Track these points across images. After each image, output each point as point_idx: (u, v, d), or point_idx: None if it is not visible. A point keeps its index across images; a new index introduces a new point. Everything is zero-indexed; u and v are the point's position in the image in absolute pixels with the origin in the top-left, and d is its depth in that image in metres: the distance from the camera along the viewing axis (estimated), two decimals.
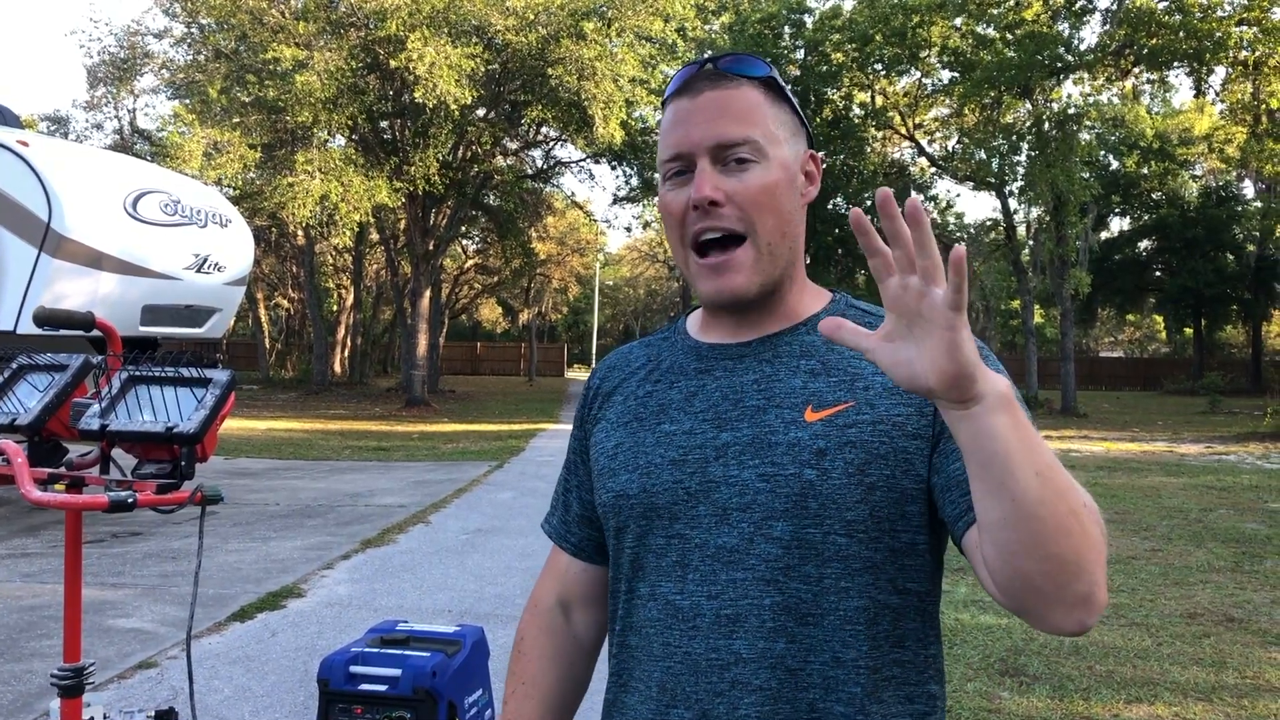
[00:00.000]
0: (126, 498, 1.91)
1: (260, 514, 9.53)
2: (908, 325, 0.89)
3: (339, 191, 20.57)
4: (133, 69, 30.06)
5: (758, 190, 1.15)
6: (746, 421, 1.15)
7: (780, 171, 1.17)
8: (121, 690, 4.66)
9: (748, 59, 1.21)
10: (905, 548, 1.11)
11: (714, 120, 1.16)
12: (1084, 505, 0.92)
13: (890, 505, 1.10)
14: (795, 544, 1.09)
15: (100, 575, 6.88)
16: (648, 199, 34.38)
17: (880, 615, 1.10)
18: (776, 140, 1.18)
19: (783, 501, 1.10)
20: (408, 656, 3.57)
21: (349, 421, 21.62)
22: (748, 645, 1.09)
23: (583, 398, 1.37)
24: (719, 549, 1.12)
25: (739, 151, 1.15)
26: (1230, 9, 20.64)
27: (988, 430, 0.88)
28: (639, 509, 1.18)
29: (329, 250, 38.76)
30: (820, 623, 1.09)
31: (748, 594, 1.10)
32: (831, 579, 1.09)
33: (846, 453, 1.10)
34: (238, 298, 10.26)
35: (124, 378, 2.09)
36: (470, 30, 20.71)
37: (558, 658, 1.37)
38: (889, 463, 1.10)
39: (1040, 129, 25.98)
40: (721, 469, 1.14)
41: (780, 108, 1.21)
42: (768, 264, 1.17)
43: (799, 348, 1.19)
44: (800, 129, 1.24)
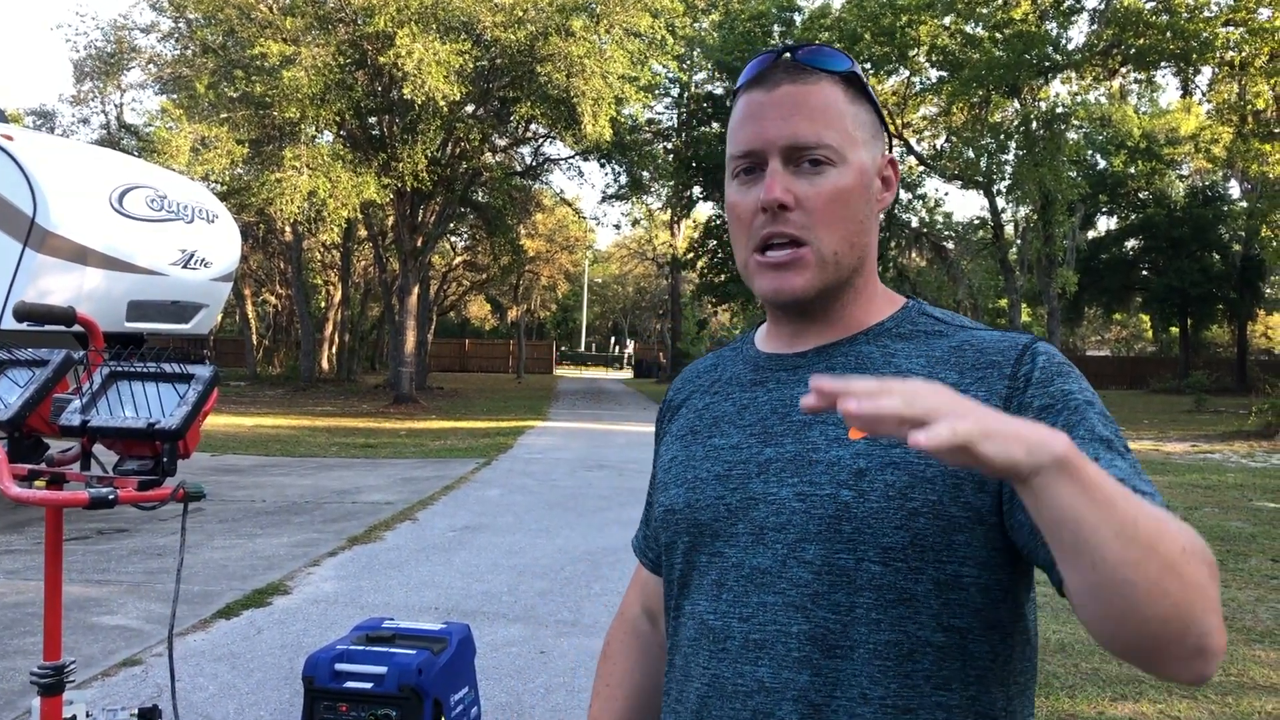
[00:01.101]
0: (107, 494, 1.89)
1: (247, 511, 9.50)
2: None
3: (327, 187, 20.50)
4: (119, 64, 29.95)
5: (830, 196, 1.09)
6: (791, 437, 1.10)
7: (856, 176, 1.11)
8: (105, 688, 4.63)
9: (829, 51, 1.14)
10: (950, 580, 1.02)
11: (789, 118, 1.10)
12: (1182, 551, 0.83)
13: (935, 533, 1.01)
14: (826, 569, 1.03)
15: (85, 572, 6.84)
16: (636, 196, 34.40)
17: (918, 652, 1.02)
18: (854, 142, 1.12)
19: (816, 523, 1.04)
20: (393, 654, 3.57)
21: (336, 418, 21.56)
22: (772, 674, 1.04)
23: (660, 411, 1.35)
24: (753, 570, 1.07)
25: (814, 153, 1.09)
26: (1217, 9, 20.72)
27: (1052, 499, 0.81)
28: (684, 524, 1.15)
29: (317, 246, 38.64)
30: (849, 655, 1.02)
31: (776, 619, 1.05)
32: (863, 609, 1.02)
33: (888, 474, 1.03)
34: (224, 294, 10.21)
35: (106, 373, 2.07)
36: (459, 26, 20.66)
37: (643, 660, 1.36)
38: (935, 487, 1.02)
39: (1028, 128, 26.05)
40: (762, 486, 1.09)
41: (860, 106, 1.14)
42: (831, 271, 1.11)
43: (854, 359, 1.13)
44: (880, 130, 1.17)
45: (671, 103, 36.98)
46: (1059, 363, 1.05)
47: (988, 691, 1.05)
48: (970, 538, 1.02)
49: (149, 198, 8.93)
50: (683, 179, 33.31)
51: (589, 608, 6.25)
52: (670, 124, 37.03)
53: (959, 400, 0.81)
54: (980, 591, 1.03)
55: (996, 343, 1.08)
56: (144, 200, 8.86)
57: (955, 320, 1.15)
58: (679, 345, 44.60)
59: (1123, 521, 0.81)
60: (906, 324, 1.15)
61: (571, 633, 5.70)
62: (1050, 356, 1.05)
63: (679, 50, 27.70)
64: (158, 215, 8.99)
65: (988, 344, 1.09)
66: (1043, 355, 1.05)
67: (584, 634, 5.69)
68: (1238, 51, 20.09)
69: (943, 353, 1.10)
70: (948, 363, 1.09)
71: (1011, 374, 1.04)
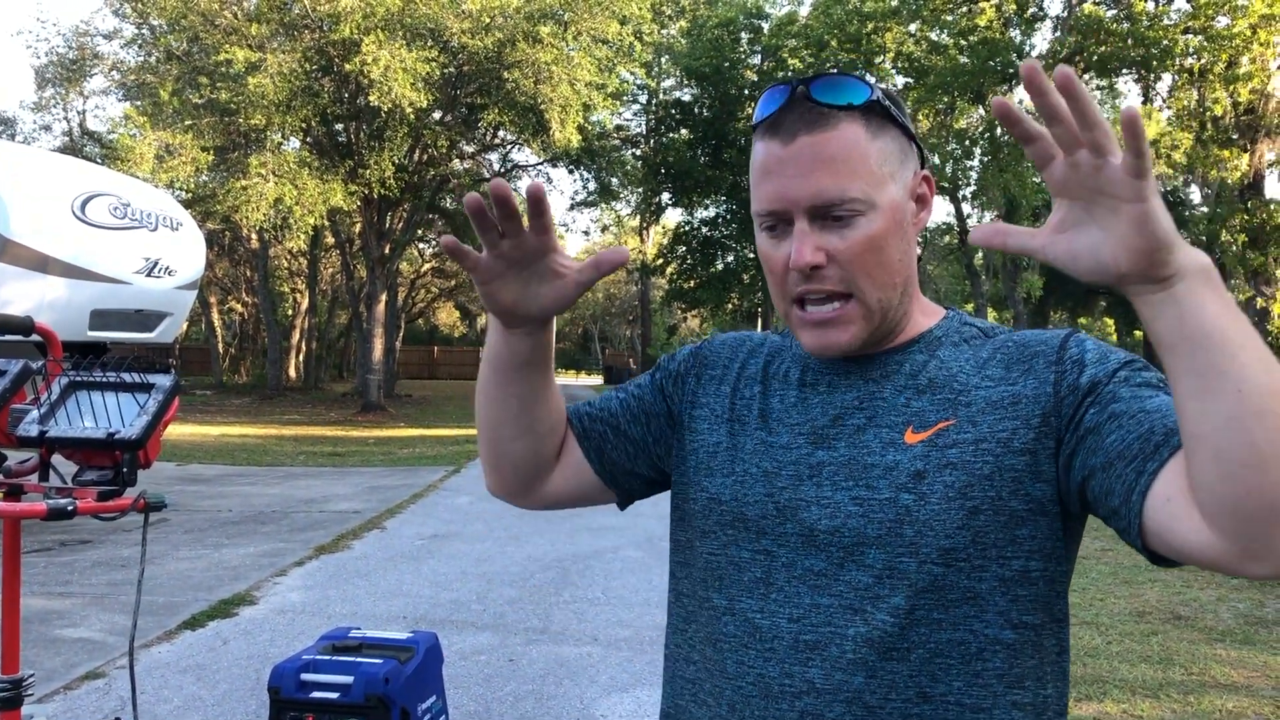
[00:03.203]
0: (66, 505, 1.88)
1: (212, 521, 9.41)
2: (1085, 208, 0.81)
3: (293, 195, 20.38)
4: (82, 70, 29.62)
5: (863, 246, 1.06)
6: (844, 441, 1.09)
7: (887, 218, 1.07)
8: (68, 701, 4.57)
9: (844, 83, 1.08)
10: (1017, 576, 1.02)
11: (809, 174, 1.05)
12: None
13: (997, 529, 1.01)
14: (887, 573, 1.02)
15: (47, 584, 6.75)
16: (605, 203, 34.41)
17: (987, 651, 1.02)
18: (882, 181, 1.07)
19: (876, 528, 1.03)
20: (360, 663, 3.55)
21: (304, 427, 21.41)
22: (823, 675, 1.03)
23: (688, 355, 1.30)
24: (806, 571, 1.06)
25: (841, 209, 1.05)
26: (1177, 17, 21.02)
27: (1196, 308, 0.78)
28: (729, 517, 1.13)
29: (283, 254, 38.38)
30: (906, 657, 1.01)
31: (831, 621, 1.04)
32: (924, 610, 1.01)
33: (946, 475, 1.02)
34: (189, 302, 10.12)
35: (64, 383, 2.05)
36: (425, 33, 20.61)
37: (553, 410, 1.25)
38: (994, 483, 1.01)
39: (993, 134, 26.29)
40: (814, 489, 1.08)
41: (885, 136, 1.09)
42: (878, 318, 1.09)
43: (908, 366, 1.12)
44: (909, 150, 1.12)
45: (640, 109, 37.06)
46: (1100, 343, 1.06)
47: (1055, 685, 1.06)
48: (1034, 530, 1.02)
49: (112, 205, 8.84)
50: (651, 185, 33.36)
51: (558, 615, 6.24)
52: (639, 130, 37.09)
53: None
54: (1048, 584, 1.03)
55: (1037, 336, 1.10)
56: (107, 208, 8.78)
57: (996, 328, 1.16)
58: (649, 351, 44.66)
59: (1262, 350, 0.79)
60: (953, 334, 1.15)
61: (541, 640, 5.69)
62: (1092, 341, 1.06)
63: (647, 57, 27.78)
64: (121, 223, 8.90)
65: (1029, 339, 1.10)
66: (1089, 340, 1.06)
67: (553, 641, 5.68)
68: (1197, 58, 20.38)
69: (988, 353, 1.10)
70: (993, 361, 1.09)
71: (1058, 359, 1.04)
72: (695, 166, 31.96)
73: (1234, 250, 20.21)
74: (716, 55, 30.87)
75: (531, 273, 1.08)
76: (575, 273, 1.07)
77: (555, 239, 1.06)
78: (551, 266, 1.07)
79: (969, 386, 1.07)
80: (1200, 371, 0.79)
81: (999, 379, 1.07)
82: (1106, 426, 0.96)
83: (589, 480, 1.29)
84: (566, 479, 1.29)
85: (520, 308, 1.10)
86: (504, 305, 1.10)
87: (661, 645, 5.58)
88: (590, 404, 1.32)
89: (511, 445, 1.24)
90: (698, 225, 35.02)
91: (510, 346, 1.16)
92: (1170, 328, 0.80)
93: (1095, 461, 0.96)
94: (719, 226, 34.24)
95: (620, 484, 1.30)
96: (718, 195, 33.37)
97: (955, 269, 30.99)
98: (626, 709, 4.64)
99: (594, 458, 1.28)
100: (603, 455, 1.28)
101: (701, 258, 34.48)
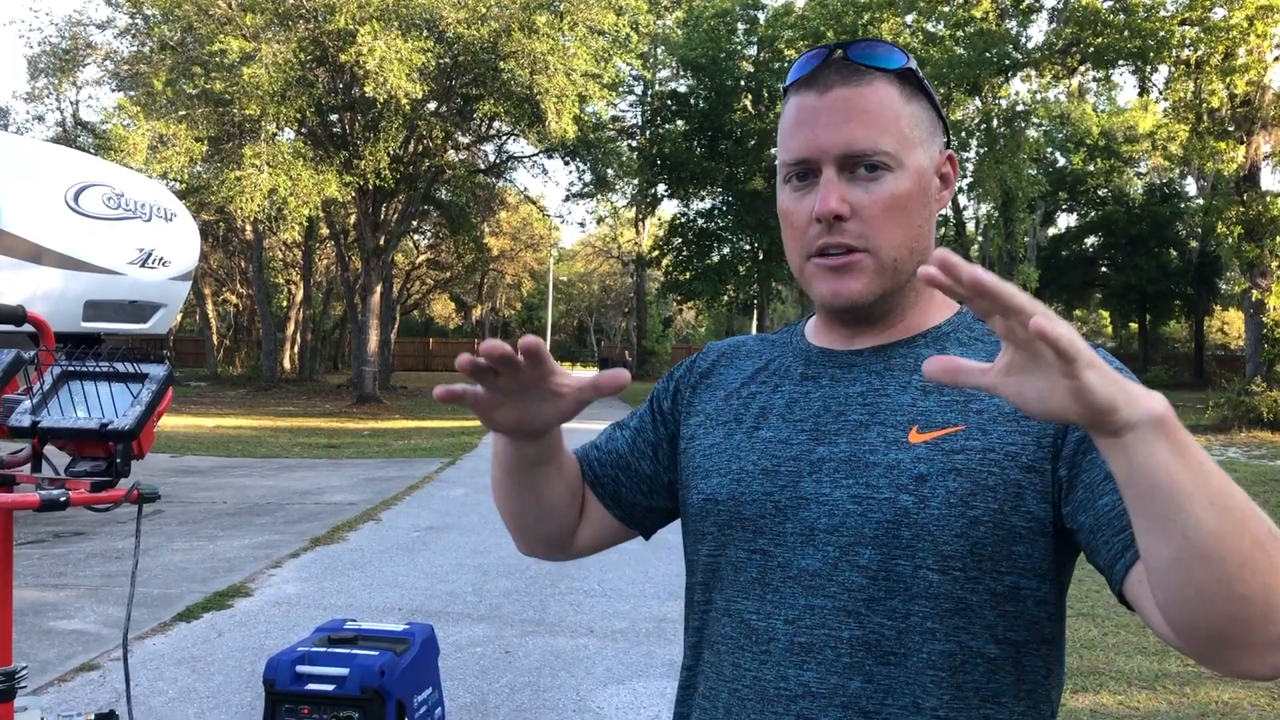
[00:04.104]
0: (59, 496, 1.86)
1: (207, 512, 9.39)
2: (1029, 359, 0.77)
3: (288, 185, 20.31)
4: (75, 60, 29.50)
5: (887, 203, 1.05)
6: (845, 437, 1.07)
7: (914, 180, 1.07)
8: (62, 693, 4.56)
9: (882, 47, 1.09)
10: (1008, 592, 1.00)
11: (843, 124, 1.05)
12: (1270, 533, 0.80)
13: (995, 543, 0.99)
14: (882, 575, 1.01)
15: (41, 576, 6.74)
16: (601, 194, 34.38)
17: (969, 664, 1.00)
18: (911, 144, 1.08)
19: (873, 527, 1.01)
20: (355, 655, 3.54)
21: (299, 418, 21.38)
22: (819, 679, 1.02)
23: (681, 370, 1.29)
24: (801, 571, 1.04)
25: (870, 159, 1.05)
26: (1173, 8, 20.99)
27: (1144, 459, 0.77)
28: (725, 516, 1.11)
29: (278, 245, 38.28)
30: (903, 663, 1.00)
31: (825, 623, 1.02)
32: (918, 617, 1.00)
33: (950, 480, 1.00)
34: (183, 293, 10.07)
35: (57, 373, 2.03)
36: (421, 24, 20.55)
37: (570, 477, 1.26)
38: (997, 495, 0.99)
39: (989, 126, 26.29)
40: (814, 485, 1.06)
41: (917, 104, 1.10)
42: (890, 277, 1.08)
43: (914, 361, 1.10)
44: (937, 126, 1.13)
45: (636, 100, 37.01)
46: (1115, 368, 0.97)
47: (1036, 707, 1.03)
48: (1030, 549, 1.00)
49: (106, 196, 8.79)
50: (647, 177, 33.31)
51: (554, 607, 6.23)
52: (634, 122, 37.04)
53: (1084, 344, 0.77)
54: (1036, 604, 1.02)
55: None
56: (100, 198, 8.73)
57: None
58: (644, 343, 44.68)
59: (1217, 490, 0.77)
60: (964, 329, 1.12)
61: (537, 632, 5.68)
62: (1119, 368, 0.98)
63: (643, 48, 27.70)
64: (115, 214, 8.85)
65: None
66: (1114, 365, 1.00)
67: (549, 633, 5.67)
68: (1193, 50, 20.36)
69: None
70: None
71: None
72: (691, 158, 31.92)
73: (1230, 242, 20.21)
74: (713, 46, 30.82)
75: (531, 395, 1.03)
76: (576, 390, 1.02)
77: (553, 366, 1.01)
78: (550, 388, 1.02)
79: (979, 393, 1.02)
80: (1149, 515, 0.79)
81: None
82: (1102, 485, 0.94)
83: (611, 526, 1.28)
84: (593, 531, 1.28)
85: (522, 426, 1.07)
86: (504, 428, 1.07)
87: (658, 636, 5.59)
88: (598, 445, 1.31)
89: (536, 527, 1.25)
90: (693, 217, 34.99)
91: (520, 451, 1.14)
92: (1121, 471, 0.79)
93: (1084, 520, 0.96)
94: (715, 218, 34.21)
95: (641, 521, 1.28)
96: (714, 187, 33.34)
97: None
98: (622, 700, 4.63)
99: (610, 504, 1.27)
100: (619, 500, 1.27)
101: (697, 249, 34.45)
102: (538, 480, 1.19)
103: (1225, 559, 0.77)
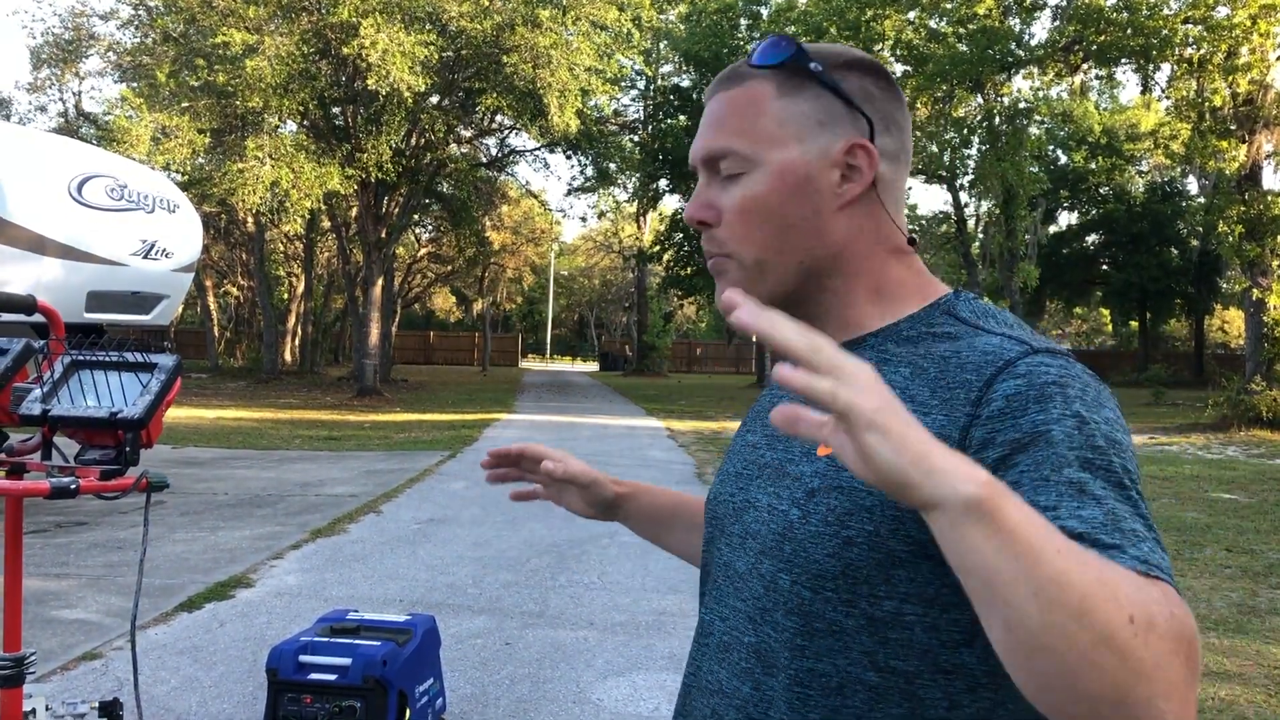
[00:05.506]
0: (69, 484, 1.88)
1: (208, 503, 9.42)
2: None
3: (290, 178, 20.32)
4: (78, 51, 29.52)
5: (740, 205, 1.03)
6: (782, 444, 1.07)
7: (773, 180, 1.02)
8: (65, 681, 4.58)
9: (768, 46, 1.05)
10: (888, 618, 0.93)
11: (706, 130, 1.06)
12: (1129, 622, 0.69)
13: (871, 566, 0.93)
14: (771, 586, 1.00)
15: (44, 565, 6.76)
16: (603, 189, 34.37)
17: (847, 689, 0.95)
18: (774, 141, 1.02)
19: (772, 538, 1.00)
20: (358, 645, 3.56)
21: (300, 411, 21.40)
22: (728, 678, 1.04)
23: None
24: (733, 573, 1.06)
25: (722, 164, 1.04)
26: (1176, 7, 20.97)
27: (956, 543, 0.71)
28: (709, 516, 1.16)
29: (280, 237, 38.31)
30: (776, 676, 0.98)
31: (738, 626, 1.04)
32: (789, 633, 0.97)
33: (832, 498, 0.96)
34: (186, 285, 10.10)
35: (67, 362, 2.05)
36: (424, 17, 20.54)
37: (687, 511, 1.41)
38: (874, 517, 0.93)
39: (991, 123, 26.27)
40: (757, 490, 1.07)
41: (798, 98, 1.03)
42: (764, 282, 1.04)
43: None
44: (840, 117, 1.04)
45: (638, 95, 36.98)
46: (1043, 384, 0.89)
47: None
48: (913, 573, 0.92)
49: (109, 187, 8.81)
50: (649, 171, 33.31)
51: (555, 599, 6.26)
52: (637, 117, 37.02)
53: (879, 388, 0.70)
54: (928, 632, 0.93)
55: (982, 355, 0.95)
56: (104, 189, 8.75)
57: (982, 322, 1.01)
58: (645, 338, 44.67)
59: (1046, 580, 0.68)
60: (921, 325, 1.03)
61: (537, 624, 5.71)
62: (1033, 378, 0.90)
63: (645, 44, 27.69)
64: (118, 205, 8.87)
65: (973, 356, 0.95)
66: (1021, 378, 0.90)
67: (549, 625, 5.69)
68: (1196, 48, 20.34)
69: (931, 362, 0.98)
70: (927, 375, 0.97)
71: (977, 399, 0.91)
72: None
73: (1230, 241, 20.20)
74: (715, 41, 30.78)
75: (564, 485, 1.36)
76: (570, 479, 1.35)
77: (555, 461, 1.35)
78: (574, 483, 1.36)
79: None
80: (974, 597, 0.73)
81: (920, 402, 0.95)
82: None
83: None
84: None
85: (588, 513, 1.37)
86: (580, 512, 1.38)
87: (657, 630, 5.61)
88: None
89: None
90: None
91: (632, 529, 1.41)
92: (941, 548, 0.73)
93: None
94: None
95: None
96: None
97: (952, 258, 31.00)
98: (623, 693, 4.65)
99: None
100: None
101: (699, 245, 34.31)
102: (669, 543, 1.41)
103: (1061, 654, 0.69)
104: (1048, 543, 0.69)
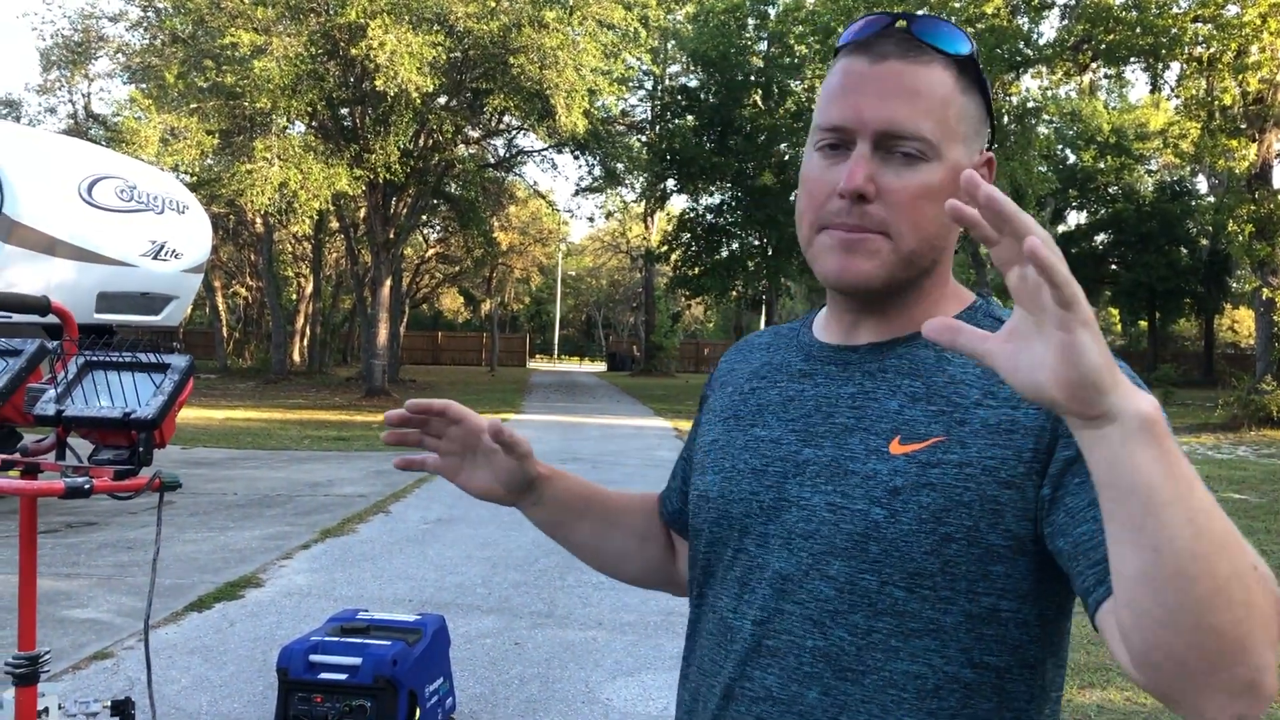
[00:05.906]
0: (83, 484, 1.89)
1: (218, 504, 9.44)
2: (1036, 322, 0.74)
3: (298, 179, 20.36)
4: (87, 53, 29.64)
5: (916, 193, 0.99)
6: (831, 440, 1.03)
7: (948, 176, 0.99)
8: (77, 681, 4.60)
9: (948, 28, 1.03)
10: (985, 614, 0.95)
11: (889, 98, 0.99)
12: (1253, 567, 0.74)
13: (970, 562, 0.94)
14: (849, 588, 0.97)
15: (55, 565, 6.79)
16: (610, 189, 34.36)
17: (944, 689, 0.95)
18: (955, 137, 1.01)
19: (844, 539, 0.98)
20: (368, 645, 3.57)
21: (308, 411, 21.44)
22: (780, 685, 1.00)
23: (710, 377, 1.30)
24: (775, 574, 1.02)
25: (908, 145, 0.99)
26: (1186, 5, 20.91)
27: (1124, 458, 0.72)
28: (714, 514, 1.11)
29: (288, 238, 38.36)
30: (860, 680, 0.97)
31: (791, 630, 1.00)
32: (881, 635, 0.96)
33: (923, 495, 0.95)
34: (195, 285, 10.15)
35: (80, 363, 2.06)
36: (431, 18, 20.55)
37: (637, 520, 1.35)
38: (972, 512, 0.94)
39: (999, 122, 26.22)
40: (797, 488, 1.03)
41: (971, 97, 1.03)
42: (903, 268, 1.02)
43: (908, 364, 1.04)
44: (984, 126, 1.06)
45: (645, 95, 36.97)
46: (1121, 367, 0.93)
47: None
48: (1010, 569, 0.94)
49: (118, 188, 8.85)
50: (657, 171, 33.30)
51: (563, 600, 6.26)
52: (644, 117, 37.01)
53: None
54: (1019, 627, 0.96)
55: None
56: (113, 191, 8.78)
57: None
58: (652, 338, 44.67)
59: (1199, 507, 0.72)
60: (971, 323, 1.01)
61: (546, 624, 5.72)
62: None
63: (652, 43, 27.70)
64: (127, 206, 8.91)
65: None
66: None
67: (558, 625, 5.70)
68: (1206, 47, 20.28)
69: None
70: None
71: None
72: (701, 153, 31.87)
73: (1240, 240, 20.14)
74: (723, 41, 30.77)
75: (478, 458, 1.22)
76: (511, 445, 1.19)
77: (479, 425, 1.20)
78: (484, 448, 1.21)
79: (969, 403, 0.99)
80: (1121, 521, 0.74)
81: (1004, 398, 0.97)
82: (1085, 513, 0.88)
83: None
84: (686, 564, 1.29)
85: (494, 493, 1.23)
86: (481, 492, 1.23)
87: (666, 630, 5.61)
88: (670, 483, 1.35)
89: (624, 570, 1.35)
90: (702, 212, 34.95)
91: (535, 516, 1.29)
92: (1099, 469, 0.74)
93: (1062, 545, 0.90)
94: (724, 214, 34.18)
95: None
96: (723, 182, 33.29)
97: (960, 257, 30.97)
98: (632, 693, 4.66)
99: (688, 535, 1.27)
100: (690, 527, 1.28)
101: (706, 245, 34.40)
102: (572, 535, 1.32)
103: (1198, 581, 0.71)
104: (1195, 476, 0.74)
